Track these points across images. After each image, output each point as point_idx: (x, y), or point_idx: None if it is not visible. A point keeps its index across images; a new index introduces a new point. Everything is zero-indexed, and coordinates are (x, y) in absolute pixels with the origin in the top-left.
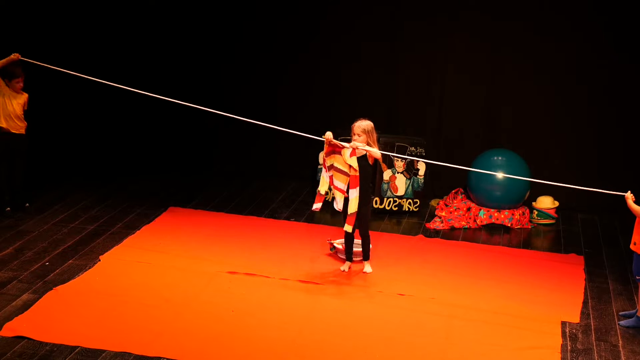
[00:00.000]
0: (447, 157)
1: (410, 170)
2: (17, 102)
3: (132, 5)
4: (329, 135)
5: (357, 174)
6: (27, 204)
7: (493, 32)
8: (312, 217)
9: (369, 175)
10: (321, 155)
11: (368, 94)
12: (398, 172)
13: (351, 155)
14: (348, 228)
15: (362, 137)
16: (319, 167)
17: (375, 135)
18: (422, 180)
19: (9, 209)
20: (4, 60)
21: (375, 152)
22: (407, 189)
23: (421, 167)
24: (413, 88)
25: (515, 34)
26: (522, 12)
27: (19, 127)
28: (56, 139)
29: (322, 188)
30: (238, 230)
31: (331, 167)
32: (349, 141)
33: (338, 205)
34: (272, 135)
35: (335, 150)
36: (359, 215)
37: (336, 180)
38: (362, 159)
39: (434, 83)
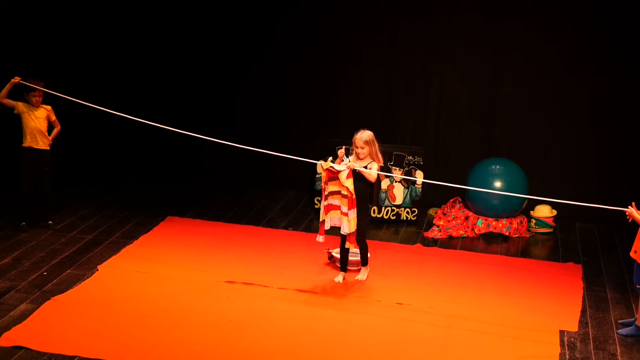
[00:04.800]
0: (445, 165)
1: (408, 180)
2: (38, 116)
3: (125, 8)
4: (341, 152)
5: (353, 196)
6: (51, 222)
7: (491, 33)
8: (310, 226)
9: (366, 195)
10: (320, 165)
11: (364, 100)
12: (396, 182)
13: (347, 177)
14: (350, 245)
15: (366, 150)
16: (318, 176)
17: (376, 145)
18: (420, 189)
19: (24, 223)
20: (7, 87)
21: (371, 174)
22: (405, 198)
23: (419, 176)
24: (410, 93)
25: (515, 35)
26: (521, 12)
27: (42, 142)
28: (54, 148)
29: (322, 217)
30: (236, 239)
31: (328, 195)
32: (347, 151)
33: (335, 223)
34: (270, 143)
35: (333, 176)
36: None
37: (334, 200)
38: (360, 179)
39: (431, 89)
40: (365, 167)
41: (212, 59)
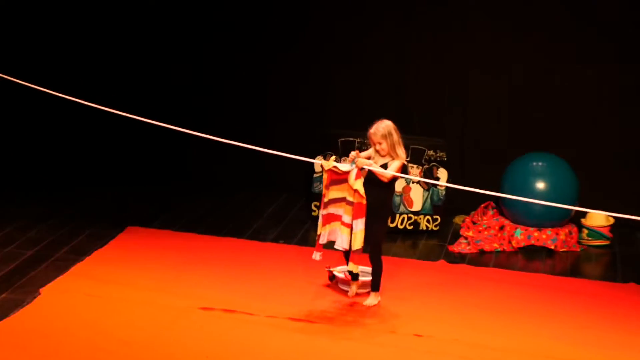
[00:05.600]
0: (475, 161)
1: (428, 179)
2: None
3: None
4: (353, 155)
5: (364, 201)
6: None
7: (522, 10)
8: (306, 239)
9: (384, 202)
10: (318, 163)
11: (374, 86)
12: (413, 183)
13: (357, 177)
14: (353, 268)
15: (384, 144)
16: (316, 175)
17: (396, 136)
18: (444, 192)
19: None
20: None
21: (385, 172)
22: (424, 202)
23: (442, 176)
24: (429, 76)
25: (549, 14)
26: None
27: None
28: None
29: (320, 229)
30: (213, 255)
31: (329, 203)
32: (361, 148)
33: (333, 238)
34: (256, 136)
35: (337, 179)
36: (371, 232)
37: (335, 208)
38: (377, 183)
39: (455, 70)
40: (385, 166)
41: (189, 41)
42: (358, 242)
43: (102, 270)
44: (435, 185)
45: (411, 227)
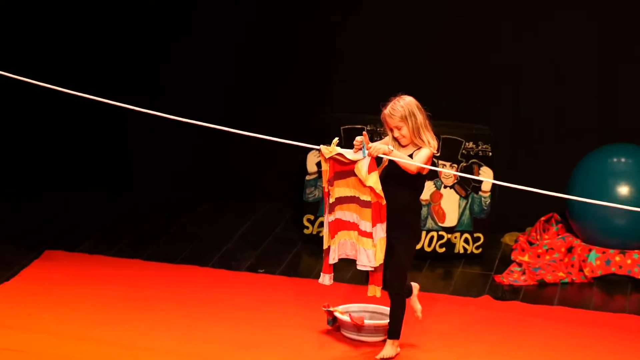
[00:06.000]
0: (531, 157)
1: (467, 182)
2: None
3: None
4: (358, 139)
5: (383, 201)
6: None
7: None
8: (296, 266)
9: (413, 205)
10: (311, 159)
11: (392, 58)
12: (446, 187)
13: (370, 169)
14: (375, 291)
15: (404, 129)
16: (309, 177)
17: (421, 117)
18: (489, 200)
19: None
20: None
21: (408, 163)
22: (461, 215)
23: (486, 177)
24: (465, 39)
25: None
26: None
27: None
28: None
29: (326, 243)
30: (166, 290)
31: (336, 204)
32: (374, 138)
33: (348, 253)
34: (227, 123)
35: (344, 170)
36: (391, 255)
37: (346, 213)
38: (400, 177)
39: (502, 31)
40: (411, 156)
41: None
42: (380, 256)
43: (10, 311)
44: (477, 190)
45: (443, 250)
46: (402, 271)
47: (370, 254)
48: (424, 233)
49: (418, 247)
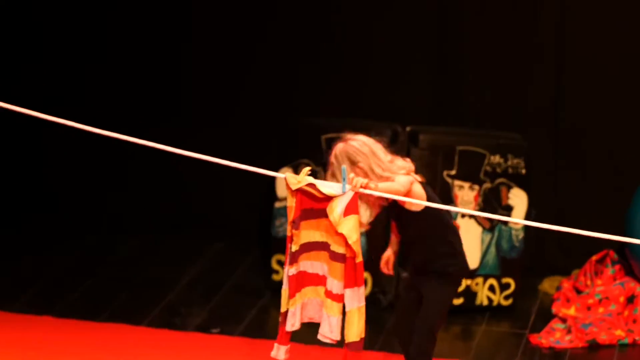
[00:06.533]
0: (578, 176)
1: (492, 209)
2: None
3: None
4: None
5: (359, 257)
6: None
7: None
8: (261, 325)
9: (441, 239)
10: (285, 181)
11: (392, 46)
12: (464, 216)
13: (347, 210)
14: None
15: (352, 173)
16: (279, 205)
17: (377, 157)
18: (522, 233)
19: None
20: None
21: (396, 192)
22: (485, 254)
23: (518, 202)
24: (490, 24)
25: None
26: None
27: None
28: None
29: (285, 304)
30: (85, 358)
31: (301, 252)
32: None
33: (312, 317)
34: (173, 136)
35: (314, 208)
36: (422, 310)
37: (314, 263)
38: (407, 218)
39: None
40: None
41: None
42: (354, 330)
43: None
44: (505, 222)
45: (461, 301)
46: (428, 333)
47: (333, 322)
48: None
49: None
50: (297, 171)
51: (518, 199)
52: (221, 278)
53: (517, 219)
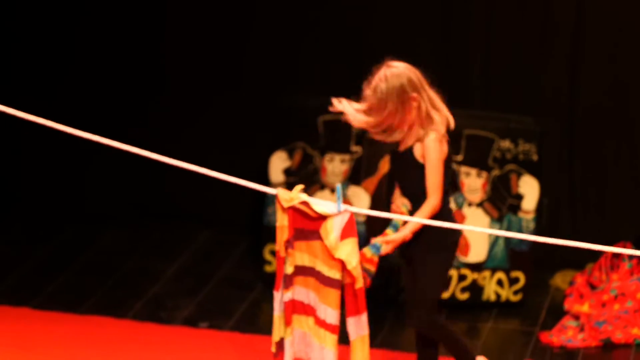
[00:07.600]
0: (594, 163)
1: (501, 197)
2: None
3: None
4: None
5: (359, 282)
6: None
7: None
8: (252, 319)
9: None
10: (276, 163)
11: (391, 18)
12: (471, 204)
13: (344, 234)
14: None
15: (387, 111)
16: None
17: (426, 93)
18: (533, 224)
19: None
20: None
21: (418, 218)
22: (493, 246)
23: (528, 190)
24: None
25: None
26: None
27: None
28: None
29: (278, 334)
30: (66, 351)
31: (296, 275)
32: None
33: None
34: (166, 117)
35: (307, 229)
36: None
37: (307, 294)
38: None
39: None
40: (409, 152)
41: None
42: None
43: None
44: (515, 209)
45: (466, 296)
46: (429, 307)
47: (329, 355)
48: None
49: None
50: (291, 155)
51: (529, 187)
52: (210, 269)
53: (529, 208)
